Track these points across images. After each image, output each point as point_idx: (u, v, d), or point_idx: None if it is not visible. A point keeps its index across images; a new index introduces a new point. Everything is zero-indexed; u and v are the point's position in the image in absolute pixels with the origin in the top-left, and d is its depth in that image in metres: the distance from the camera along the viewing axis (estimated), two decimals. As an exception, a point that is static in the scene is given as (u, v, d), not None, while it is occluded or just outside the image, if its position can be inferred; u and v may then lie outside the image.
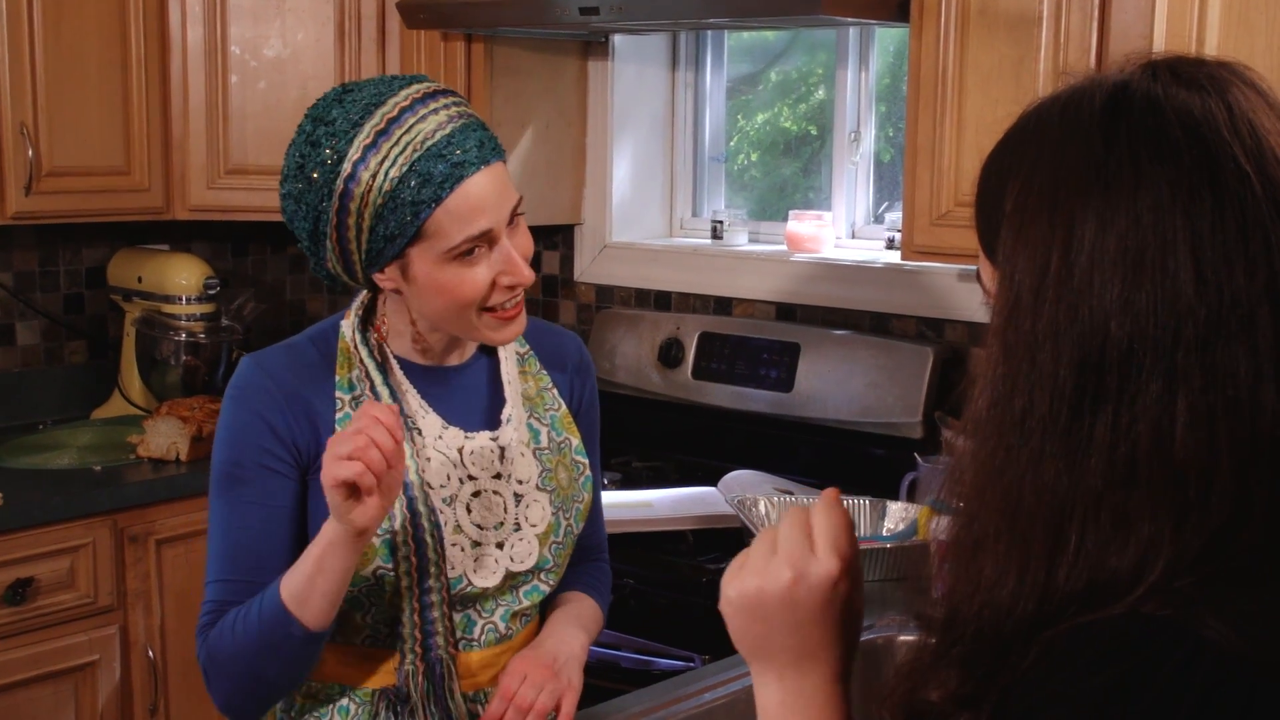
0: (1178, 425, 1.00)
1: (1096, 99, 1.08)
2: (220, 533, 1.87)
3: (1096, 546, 1.01)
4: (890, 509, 2.93)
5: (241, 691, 1.85)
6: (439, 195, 1.74)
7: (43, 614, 3.15)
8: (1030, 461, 1.03)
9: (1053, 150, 1.07)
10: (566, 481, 2.01)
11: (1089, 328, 1.01)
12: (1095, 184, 1.03)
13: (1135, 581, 0.99)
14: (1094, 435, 1.01)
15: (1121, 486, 1.01)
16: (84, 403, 3.94)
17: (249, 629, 1.78)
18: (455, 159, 1.75)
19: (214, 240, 4.21)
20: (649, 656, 2.86)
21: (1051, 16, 2.74)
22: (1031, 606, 1.02)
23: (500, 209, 1.80)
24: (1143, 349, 1.00)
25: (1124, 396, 1.01)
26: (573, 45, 3.86)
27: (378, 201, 1.74)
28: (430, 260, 1.78)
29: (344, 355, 1.91)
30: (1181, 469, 1.00)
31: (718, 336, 3.59)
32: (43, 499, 3.16)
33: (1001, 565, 1.04)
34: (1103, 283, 1.01)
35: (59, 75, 3.45)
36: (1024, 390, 1.04)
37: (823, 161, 3.79)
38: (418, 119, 1.76)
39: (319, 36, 3.73)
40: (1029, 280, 1.05)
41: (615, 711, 2.05)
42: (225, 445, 1.88)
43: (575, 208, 3.95)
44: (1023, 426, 1.04)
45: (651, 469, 3.54)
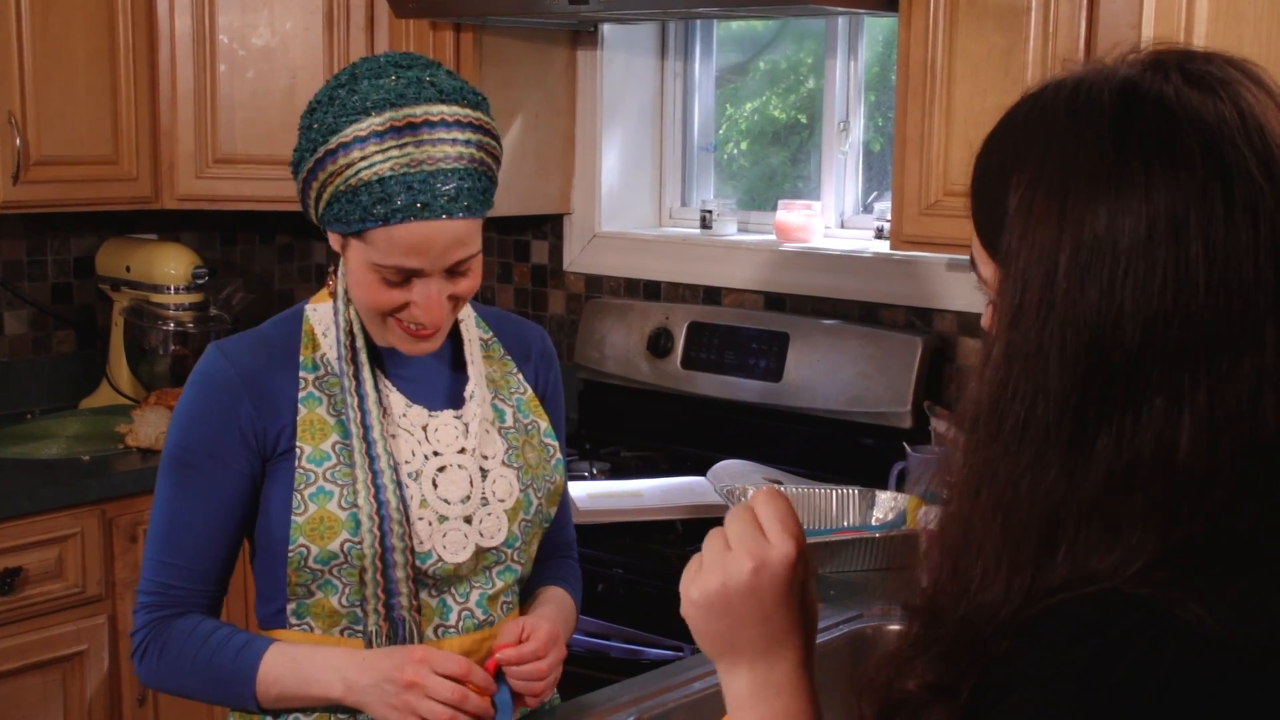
0: (1182, 436, 0.99)
1: (1105, 97, 1.05)
2: (164, 514, 1.92)
3: (1084, 551, 1.01)
4: (879, 498, 2.94)
5: (167, 685, 1.94)
6: (387, 219, 1.77)
7: (31, 604, 3.14)
8: (1029, 467, 1.02)
9: (1060, 149, 1.05)
10: (535, 461, 2.02)
11: (1097, 336, 1.00)
12: (1106, 188, 1.02)
13: (1113, 577, 0.99)
14: (1096, 445, 1.00)
15: (1117, 494, 1.00)
16: (72, 392, 3.93)
17: (212, 669, 1.87)
18: (422, 199, 1.76)
19: (202, 230, 4.21)
20: (638, 646, 2.86)
21: (1040, 5, 2.74)
22: (1015, 607, 1.02)
23: (440, 259, 1.81)
24: (1151, 359, 0.99)
25: (1129, 407, 1.00)
26: (562, 34, 3.86)
27: (340, 188, 1.78)
28: (360, 257, 1.83)
29: (308, 337, 1.94)
30: (1182, 478, 0.99)
31: (707, 326, 3.59)
32: (31, 489, 3.16)
33: (990, 568, 1.03)
34: (1114, 290, 1.00)
35: (47, 64, 3.44)
36: (1026, 395, 1.03)
37: (811, 151, 3.79)
38: (429, 140, 1.76)
39: (307, 25, 3.72)
40: (1036, 282, 1.03)
41: (604, 701, 2.05)
42: (181, 429, 1.92)
43: (564, 197, 3.95)
44: (1023, 432, 1.02)
45: (641, 458, 3.54)
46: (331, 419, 1.90)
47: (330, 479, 1.87)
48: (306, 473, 1.87)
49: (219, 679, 1.87)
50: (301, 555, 1.86)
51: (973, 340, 3.29)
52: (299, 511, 1.86)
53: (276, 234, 4.40)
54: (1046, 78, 1.12)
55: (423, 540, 1.88)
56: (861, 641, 2.39)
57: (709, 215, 3.83)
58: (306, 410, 1.90)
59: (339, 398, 1.91)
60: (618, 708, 2.01)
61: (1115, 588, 0.98)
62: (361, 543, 1.85)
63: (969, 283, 1.17)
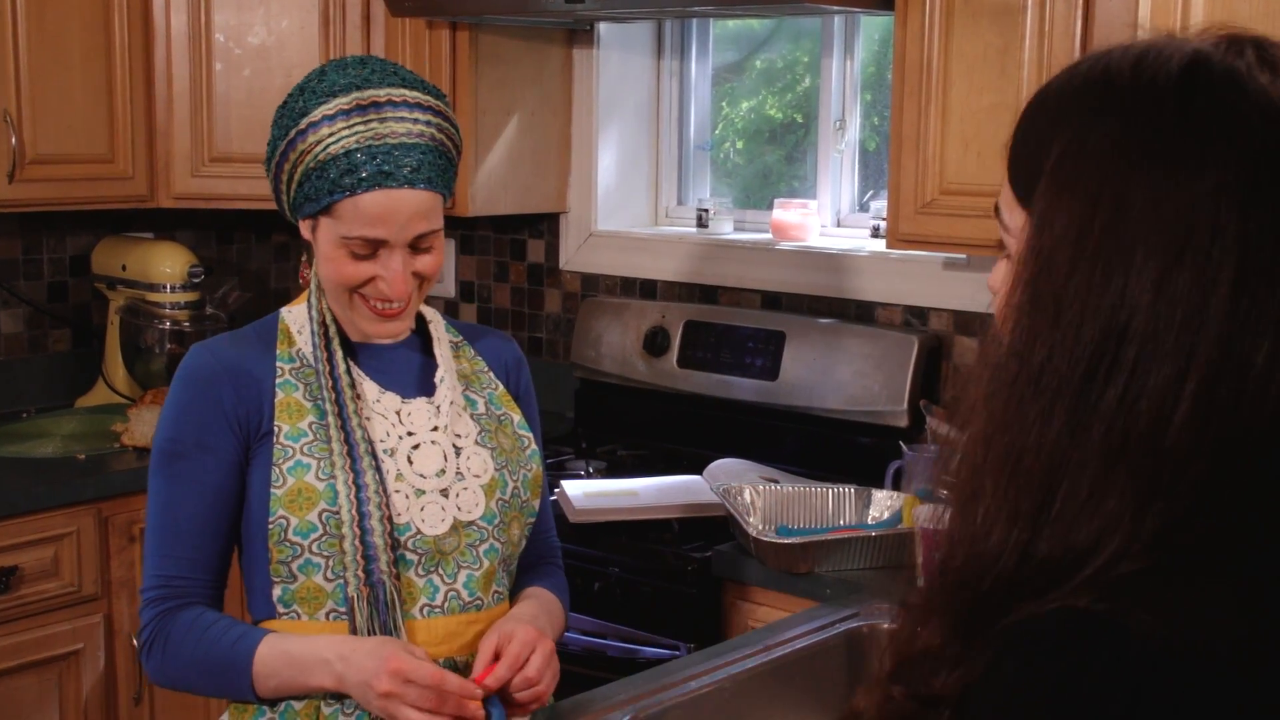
0: (1179, 411, 0.99)
1: (1173, 63, 1.05)
2: (159, 508, 1.97)
3: (1071, 515, 1.01)
4: (875, 497, 2.94)
5: (173, 680, 1.97)
6: (354, 189, 1.87)
7: (26, 603, 3.14)
8: (1039, 417, 1.02)
9: (1118, 105, 1.04)
10: (510, 447, 2.06)
11: (1121, 298, 1.00)
12: (1158, 153, 1.01)
13: (1092, 555, 0.99)
14: (1102, 403, 1.00)
15: (1106, 460, 1.00)
16: (68, 391, 3.93)
17: (210, 661, 1.91)
18: (386, 168, 1.87)
19: (198, 228, 4.20)
20: (634, 645, 2.86)
21: (1036, 4, 2.74)
22: (1010, 565, 1.02)
23: (404, 230, 1.90)
24: (1168, 330, 0.99)
25: (1137, 371, 1.00)
26: (558, 33, 3.86)
27: (310, 165, 1.88)
28: (328, 235, 1.92)
29: (284, 334, 2.03)
30: (1166, 453, 0.99)
31: (703, 325, 3.59)
32: (26, 487, 3.16)
33: (992, 516, 1.04)
34: (1145, 257, 1.00)
35: (42, 62, 3.43)
36: (1045, 344, 1.03)
37: (807, 150, 3.79)
38: (396, 118, 1.89)
39: (303, 24, 3.72)
40: (1069, 235, 1.03)
41: (601, 700, 2.05)
42: (169, 423, 1.99)
43: (560, 196, 3.95)
44: (1038, 381, 1.03)
45: (637, 457, 3.54)
46: (308, 403, 1.96)
47: (307, 453, 1.93)
48: (284, 448, 1.93)
49: (218, 672, 1.90)
50: (281, 527, 1.90)
51: (969, 339, 3.29)
52: (277, 485, 1.91)
53: (272, 233, 4.40)
54: (1112, 44, 1.11)
55: (400, 512, 1.93)
56: (857, 640, 2.39)
57: (705, 214, 3.83)
58: (284, 394, 1.96)
59: (314, 385, 1.97)
60: (614, 706, 2.01)
61: (1071, 605, 0.98)
62: (339, 511, 1.89)
63: (965, 281, 1.18)
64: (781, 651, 2.26)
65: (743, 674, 2.17)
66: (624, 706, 2.00)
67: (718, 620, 2.83)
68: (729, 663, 2.18)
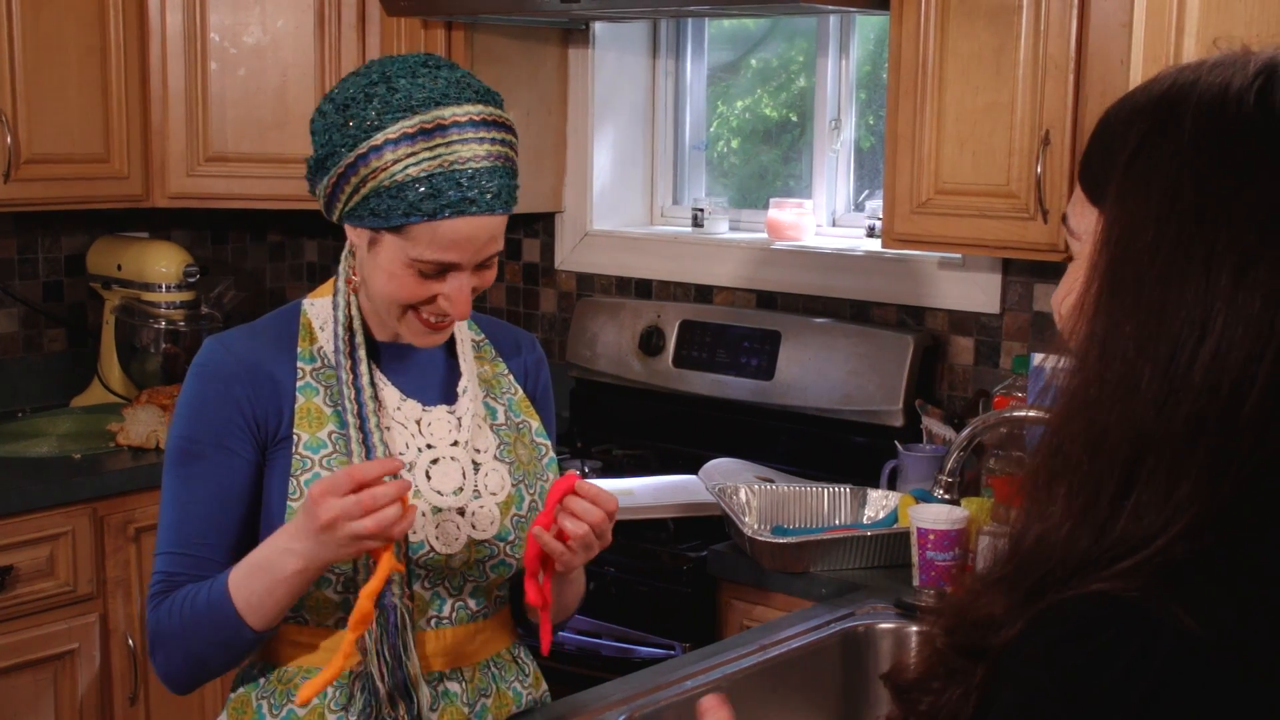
0: (1254, 390, 1.00)
1: (1250, 67, 1.07)
2: (171, 506, 1.92)
3: (1149, 499, 1.02)
4: (870, 497, 2.94)
5: (180, 668, 1.91)
6: (435, 214, 1.80)
7: (22, 603, 3.14)
8: (1124, 396, 1.03)
9: (1195, 107, 1.06)
10: (527, 459, 2.03)
11: (1205, 281, 1.01)
12: (1237, 149, 1.03)
13: (1157, 536, 1.00)
14: (1190, 381, 1.01)
15: (1188, 438, 1.01)
16: (63, 390, 3.92)
17: (198, 620, 1.85)
18: (469, 194, 1.81)
19: (193, 228, 4.20)
20: (630, 645, 2.86)
21: (1031, 4, 2.74)
22: (1084, 545, 1.03)
23: (478, 253, 1.86)
24: (1248, 314, 1.01)
25: (1219, 351, 1.01)
26: (553, 33, 3.86)
27: (384, 183, 1.79)
28: (394, 253, 1.84)
29: (305, 330, 1.96)
30: (1241, 432, 1.00)
31: (698, 324, 3.59)
32: (22, 487, 3.16)
33: (1071, 497, 1.04)
34: (1228, 242, 1.01)
35: (38, 62, 3.43)
36: (1129, 324, 1.04)
37: (803, 149, 3.79)
38: (463, 141, 1.80)
39: (299, 24, 3.72)
40: (1150, 221, 1.04)
41: (596, 700, 2.05)
42: (184, 420, 1.92)
43: (556, 195, 3.95)
44: (1123, 358, 1.04)
45: (632, 457, 3.54)
46: (328, 409, 1.91)
47: (325, 466, 1.88)
48: (303, 459, 1.89)
49: (205, 622, 1.84)
50: None
51: (964, 339, 3.29)
52: (294, 497, 1.87)
53: (268, 232, 4.40)
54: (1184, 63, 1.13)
55: (415, 530, 1.89)
56: (853, 640, 2.39)
57: (700, 213, 3.84)
58: (304, 399, 1.91)
59: (335, 389, 1.92)
60: (609, 706, 2.01)
61: (1108, 590, 0.99)
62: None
63: (961, 281, 1.19)
64: (777, 651, 2.26)
65: (738, 674, 2.17)
66: (619, 706, 2.00)
67: (713, 620, 2.83)
68: (724, 662, 2.18)
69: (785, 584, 2.70)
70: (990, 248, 2.93)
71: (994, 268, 3.22)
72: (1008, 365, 3.19)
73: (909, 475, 3.00)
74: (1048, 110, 2.75)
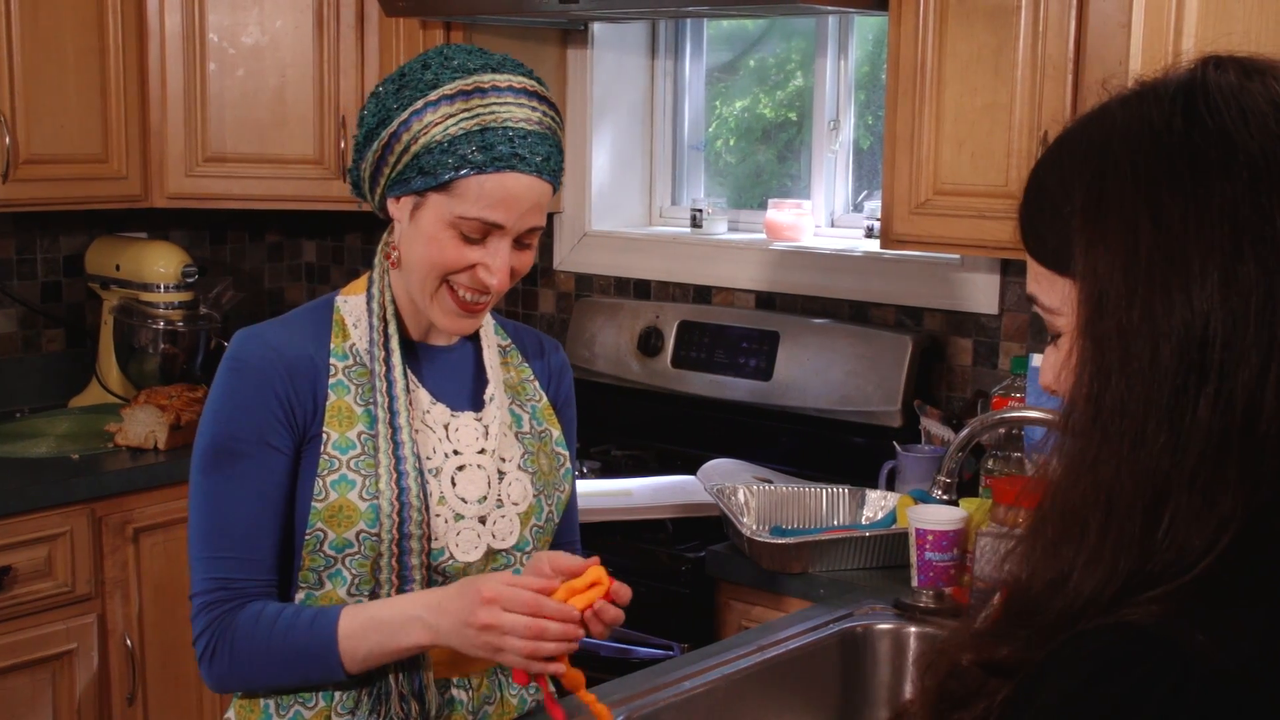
0: (1267, 395, 0.99)
1: (1167, 89, 1.06)
2: (213, 508, 1.87)
3: (1186, 523, 1.00)
4: (869, 497, 2.94)
5: (243, 680, 1.88)
6: (485, 167, 1.80)
7: (20, 603, 3.14)
8: (1133, 447, 1.01)
9: (1124, 138, 1.05)
10: (548, 468, 2.03)
11: (1190, 309, 1.00)
12: (1181, 161, 1.02)
13: (1204, 555, 0.99)
14: (1198, 413, 1.00)
15: (1214, 462, 1.00)
16: (62, 391, 3.92)
17: (291, 642, 1.82)
18: (520, 151, 1.82)
19: (192, 228, 4.20)
20: (628, 645, 2.86)
21: (1030, 5, 2.74)
22: (1116, 589, 1.01)
23: (524, 218, 1.86)
24: (1245, 322, 0.99)
25: (1226, 371, 0.99)
26: (552, 33, 3.86)
27: (435, 138, 1.80)
28: (439, 213, 1.84)
29: (338, 326, 1.94)
30: (1263, 439, 0.99)
31: (697, 325, 3.59)
32: (20, 487, 3.15)
33: (1092, 555, 1.03)
34: (1202, 262, 1.00)
35: (36, 62, 3.43)
36: (1121, 378, 1.02)
37: (800, 149, 3.79)
38: (505, 105, 1.82)
39: (297, 24, 3.72)
40: (1117, 269, 1.02)
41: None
42: (223, 419, 1.88)
43: (555, 196, 3.94)
44: (1123, 413, 1.02)
45: (631, 457, 3.54)
46: (359, 408, 1.89)
47: (354, 468, 1.87)
48: (331, 459, 1.87)
49: (300, 657, 1.82)
50: (318, 539, 1.86)
51: (962, 339, 3.29)
52: (319, 498, 1.85)
53: (266, 233, 4.40)
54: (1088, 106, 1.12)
55: (437, 536, 1.88)
56: (851, 640, 2.39)
57: (699, 214, 3.84)
58: (335, 397, 1.89)
59: (367, 388, 1.90)
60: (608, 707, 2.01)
61: (1128, 621, 0.98)
62: (377, 533, 1.85)
63: (959, 282, 1.18)
64: (775, 652, 2.26)
65: (736, 674, 2.17)
66: (617, 707, 2.00)
67: (711, 620, 2.83)
68: (723, 663, 2.18)
69: (784, 584, 2.70)
70: (989, 248, 2.93)
71: (992, 268, 3.22)
72: (1006, 366, 3.19)
73: (907, 476, 3.00)
74: (1046, 111, 2.75)
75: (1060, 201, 1.08)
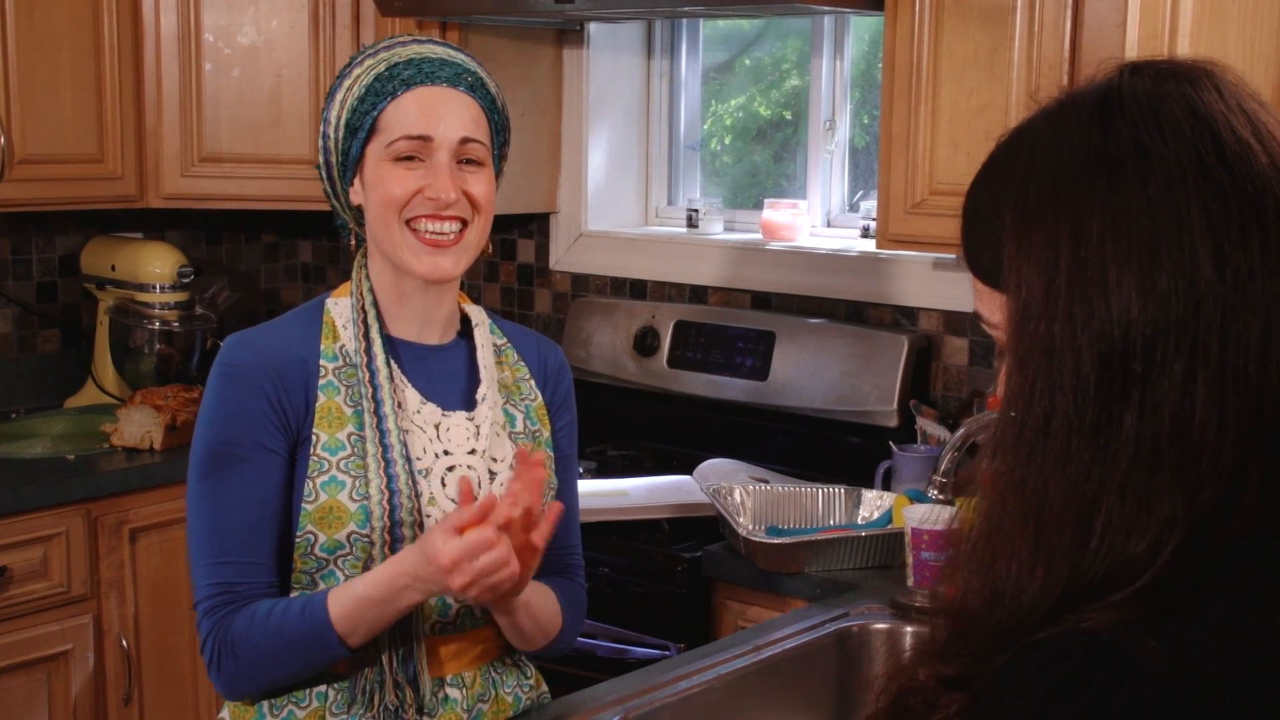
0: (1198, 401, 0.99)
1: (1086, 100, 1.07)
2: (211, 513, 1.87)
3: (1120, 532, 1.00)
4: (865, 497, 2.94)
5: (253, 682, 1.88)
6: (396, 91, 1.89)
7: (15, 604, 3.14)
8: (1057, 462, 1.02)
9: (1046, 152, 1.06)
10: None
11: (1109, 320, 1.00)
12: (1099, 174, 1.02)
13: (1147, 563, 0.99)
14: (1124, 424, 1.00)
15: (1145, 470, 1.00)
16: (57, 391, 3.92)
17: (286, 635, 1.83)
18: (426, 70, 1.90)
19: (188, 228, 4.20)
20: (624, 645, 2.86)
21: (1026, 5, 2.74)
22: (1053, 601, 1.02)
23: (449, 128, 1.90)
24: (1166, 331, 0.99)
25: (1149, 380, 0.99)
26: (548, 33, 3.86)
27: (352, 104, 1.90)
28: (376, 158, 1.90)
29: (328, 328, 1.94)
30: (1198, 444, 0.99)
31: (693, 325, 3.59)
32: (15, 488, 3.15)
33: (1025, 571, 1.03)
34: (1119, 273, 1.00)
35: (31, 62, 3.43)
36: (1045, 394, 1.02)
37: (796, 149, 3.79)
38: (407, 45, 1.94)
39: (293, 24, 3.71)
40: (1039, 283, 1.03)
41: (590, 700, 2.05)
42: (218, 424, 1.89)
43: (550, 196, 3.95)
44: (1047, 430, 1.02)
45: (627, 457, 3.54)
46: (349, 409, 1.90)
47: (343, 469, 1.87)
48: (320, 460, 1.87)
49: (300, 647, 1.83)
50: (309, 542, 1.86)
51: (958, 339, 3.29)
52: (309, 499, 1.86)
53: (262, 233, 4.39)
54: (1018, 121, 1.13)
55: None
56: (847, 640, 2.39)
57: (695, 214, 3.84)
58: (325, 398, 1.90)
59: (356, 389, 1.91)
60: (603, 707, 2.01)
61: (1078, 628, 0.98)
62: (368, 534, 1.85)
63: (955, 282, 1.18)
64: (771, 652, 2.26)
65: (732, 674, 2.17)
66: (613, 707, 2.00)
67: (707, 620, 2.83)
68: (719, 663, 2.18)
69: (780, 584, 2.70)
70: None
71: (988, 268, 3.22)
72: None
73: (903, 476, 3.00)
74: (1042, 111, 2.75)
75: (991, 217, 1.09)
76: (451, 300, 2.01)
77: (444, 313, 2.00)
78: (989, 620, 1.05)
